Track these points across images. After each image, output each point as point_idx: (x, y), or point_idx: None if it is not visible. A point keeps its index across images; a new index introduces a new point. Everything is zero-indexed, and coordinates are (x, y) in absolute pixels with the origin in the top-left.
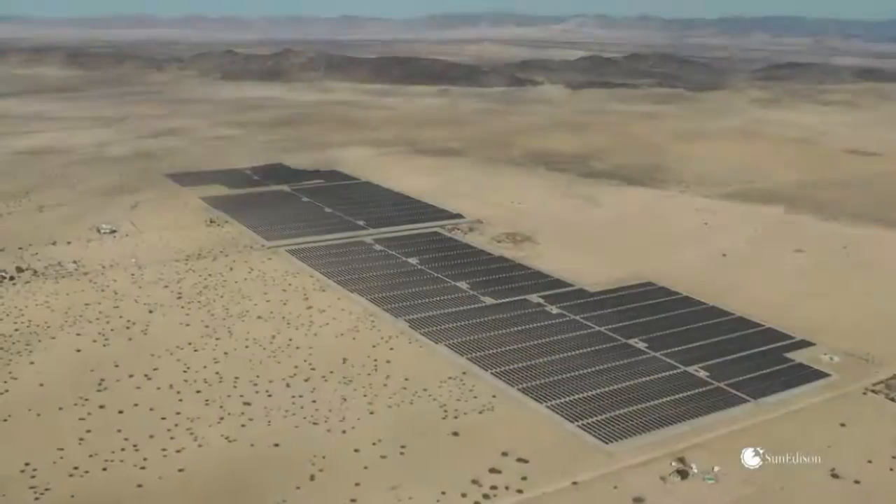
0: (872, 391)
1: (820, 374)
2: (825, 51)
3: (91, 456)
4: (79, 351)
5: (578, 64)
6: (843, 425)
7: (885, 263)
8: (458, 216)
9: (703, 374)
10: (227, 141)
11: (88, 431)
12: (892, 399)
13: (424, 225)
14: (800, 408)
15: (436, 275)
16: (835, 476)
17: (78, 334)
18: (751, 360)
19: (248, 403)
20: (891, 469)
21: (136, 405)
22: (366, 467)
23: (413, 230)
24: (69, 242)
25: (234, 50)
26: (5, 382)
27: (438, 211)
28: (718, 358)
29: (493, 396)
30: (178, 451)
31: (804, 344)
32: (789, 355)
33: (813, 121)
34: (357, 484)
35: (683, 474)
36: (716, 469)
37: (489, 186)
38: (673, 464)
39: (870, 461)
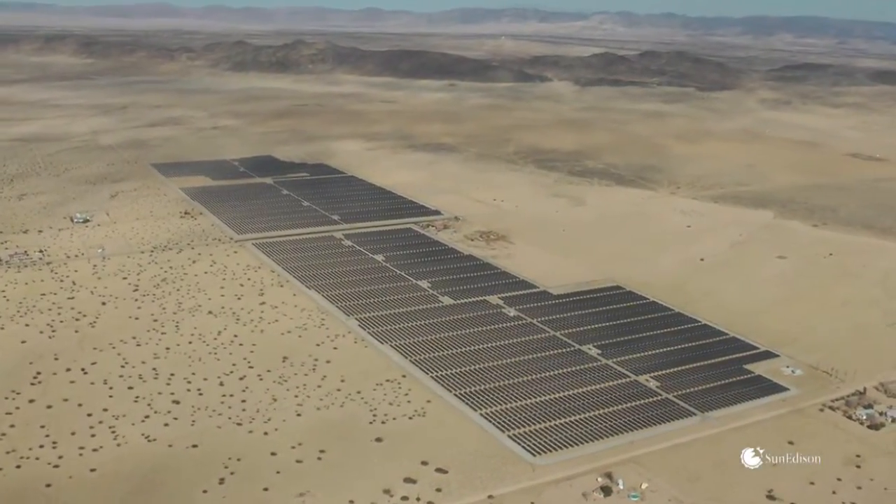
0: (830, 408)
1: (777, 388)
2: (848, 52)
3: (8, 452)
4: (24, 342)
5: (590, 61)
6: (790, 443)
7: (870, 273)
8: (436, 213)
9: (653, 384)
10: (224, 132)
11: (12, 426)
12: (851, 417)
13: (399, 221)
14: (748, 423)
15: (399, 272)
16: (771, 497)
17: (27, 325)
18: (707, 370)
19: (176, 402)
20: (833, 492)
21: (65, 400)
22: (278, 472)
23: (387, 226)
24: (40, 231)
25: (246, 41)
26: None
27: (417, 207)
28: (673, 367)
29: (428, 401)
30: (94, 450)
31: (768, 355)
32: (749, 367)
33: (821, 123)
34: (266, 489)
35: (607, 491)
36: (644, 486)
37: (474, 183)
38: (599, 479)
39: (812, 483)
